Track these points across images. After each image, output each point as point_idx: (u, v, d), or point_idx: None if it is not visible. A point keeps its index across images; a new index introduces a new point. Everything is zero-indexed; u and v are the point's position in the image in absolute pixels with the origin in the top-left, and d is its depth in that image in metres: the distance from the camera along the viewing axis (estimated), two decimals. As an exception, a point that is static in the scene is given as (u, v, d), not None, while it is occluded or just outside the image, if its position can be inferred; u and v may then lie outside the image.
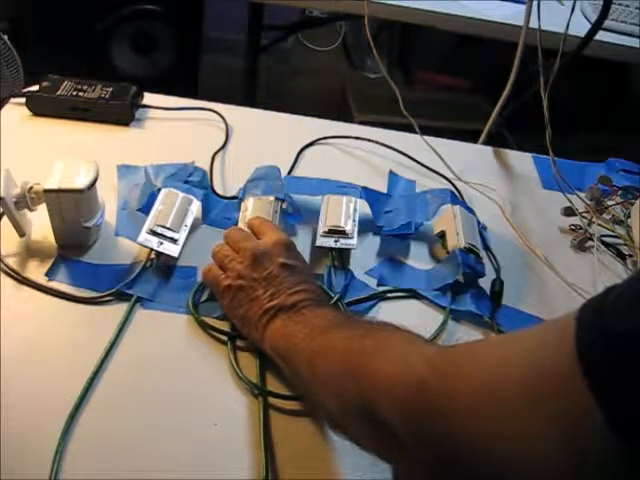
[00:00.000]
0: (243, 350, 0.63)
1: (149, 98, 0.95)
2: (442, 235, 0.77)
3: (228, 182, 0.84)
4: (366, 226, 0.79)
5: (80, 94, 0.89)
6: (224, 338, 0.63)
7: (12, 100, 0.91)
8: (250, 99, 1.96)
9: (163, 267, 0.70)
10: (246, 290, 0.61)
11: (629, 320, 0.31)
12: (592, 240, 0.83)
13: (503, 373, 0.36)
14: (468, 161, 0.95)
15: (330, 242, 0.73)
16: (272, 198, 0.75)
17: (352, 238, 0.73)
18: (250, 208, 0.74)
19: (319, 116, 1.01)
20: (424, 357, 0.43)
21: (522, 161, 1.00)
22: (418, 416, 0.39)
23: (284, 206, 0.77)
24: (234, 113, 0.96)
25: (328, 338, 0.53)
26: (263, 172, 0.80)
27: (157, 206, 0.72)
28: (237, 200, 0.78)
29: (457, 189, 0.89)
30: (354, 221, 0.75)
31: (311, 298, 0.60)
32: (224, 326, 0.64)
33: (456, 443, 0.37)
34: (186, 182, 0.78)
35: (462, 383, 0.38)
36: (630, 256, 0.83)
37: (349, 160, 0.93)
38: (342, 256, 0.74)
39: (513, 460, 0.34)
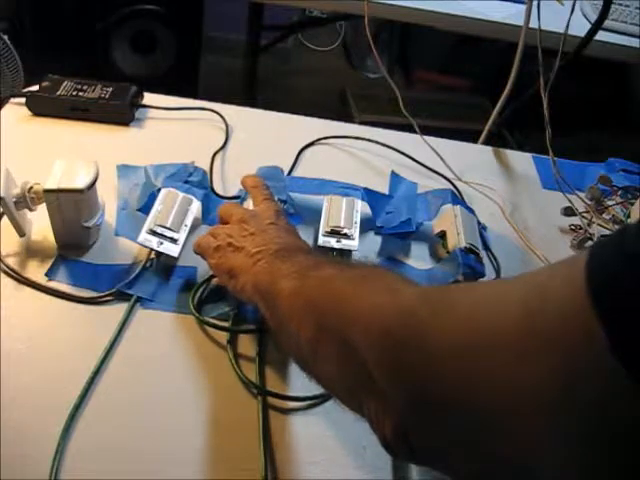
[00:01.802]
0: (243, 352, 0.63)
1: (149, 98, 0.95)
2: (442, 235, 0.77)
3: (228, 182, 0.84)
4: (367, 226, 0.79)
5: (80, 94, 0.89)
6: (223, 341, 0.63)
7: (12, 100, 0.91)
8: (250, 99, 1.96)
9: (163, 267, 0.70)
10: (234, 245, 0.61)
11: None
12: (592, 240, 0.83)
13: (501, 300, 0.33)
14: (468, 161, 0.95)
15: (332, 242, 0.73)
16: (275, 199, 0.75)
17: (354, 240, 0.73)
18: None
19: (319, 116, 1.01)
20: (415, 289, 0.40)
21: (522, 161, 1.00)
22: (398, 345, 0.36)
23: (285, 207, 0.77)
24: (234, 113, 0.96)
25: (315, 273, 0.49)
26: (266, 172, 0.81)
27: (157, 206, 0.72)
28: (239, 200, 0.78)
29: (457, 189, 0.89)
30: (356, 222, 0.75)
31: (297, 244, 0.60)
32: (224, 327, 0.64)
33: (434, 379, 0.34)
34: (186, 182, 0.78)
35: (454, 314, 0.34)
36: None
37: (349, 160, 0.93)
38: (343, 256, 0.74)
39: (504, 396, 0.31)
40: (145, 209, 0.74)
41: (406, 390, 0.36)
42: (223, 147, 0.90)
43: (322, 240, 0.73)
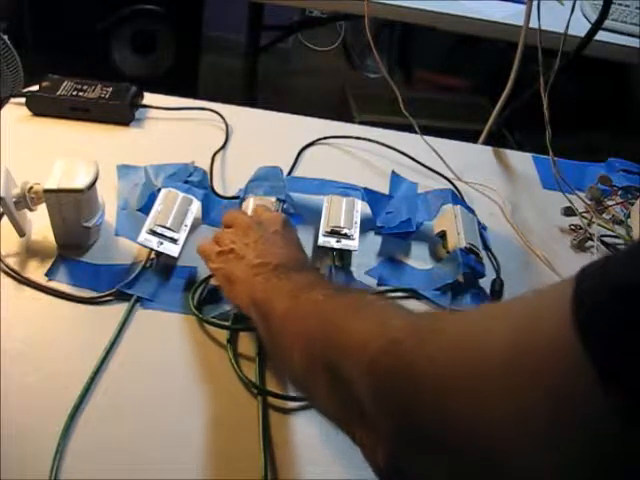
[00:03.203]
0: (242, 352, 0.63)
1: (149, 98, 0.95)
2: (443, 235, 0.77)
3: (228, 182, 0.84)
4: (367, 226, 0.79)
5: (80, 94, 0.90)
6: (223, 341, 0.63)
7: (12, 100, 0.91)
8: (250, 99, 1.95)
9: (163, 267, 0.70)
10: (235, 252, 0.61)
11: (635, 271, 0.28)
12: (592, 240, 0.83)
13: (488, 330, 0.33)
14: (468, 161, 0.95)
15: (332, 242, 0.73)
16: (274, 199, 0.76)
17: (354, 240, 0.73)
18: (251, 208, 0.74)
19: (319, 116, 1.01)
20: (404, 318, 0.40)
21: (522, 161, 1.00)
22: (385, 375, 0.36)
23: (285, 207, 0.77)
24: (234, 113, 0.96)
25: (308, 295, 0.50)
26: (265, 172, 0.81)
27: (157, 206, 0.72)
28: (238, 200, 0.78)
29: (457, 189, 0.89)
30: (356, 222, 0.75)
31: (298, 259, 0.60)
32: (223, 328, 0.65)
33: (423, 409, 0.34)
34: (186, 182, 0.78)
35: (440, 344, 0.35)
36: (630, 256, 0.82)
37: (349, 160, 0.93)
38: (343, 256, 0.74)
39: (488, 427, 0.31)
40: (145, 209, 0.74)
41: (396, 420, 0.36)
42: (223, 147, 0.90)
43: (322, 240, 0.73)
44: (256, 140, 0.93)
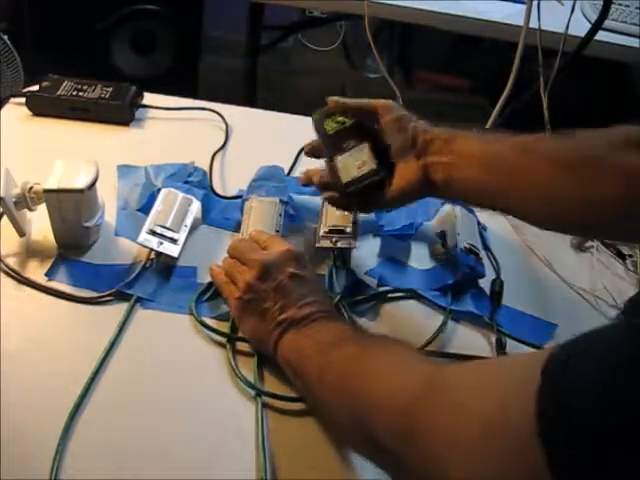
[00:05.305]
0: (241, 353, 0.63)
1: (149, 98, 0.95)
2: (442, 235, 0.77)
3: (228, 182, 0.84)
4: (366, 226, 0.79)
5: (80, 94, 0.89)
6: (223, 341, 0.63)
7: (12, 100, 0.91)
8: (250, 99, 1.96)
9: (163, 267, 0.70)
10: (255, 302, 0.61)
11: (589, 380, 0.32)
12: (592, 240, 0.83)
13: (475, 407, 0.39)
14: (468, 161, 0.95)
15: (331, 242, 0.73)
16: (277, 200, 0.75)
17: (353, 238, 0.73)
18: (254, 209, 0.74)
19: (319, 116, 1.01)
20: (416, 378, 0.46)
21: (522, 161, 1.00)
22: (407, 434, 0.42)
23: (286, 207, 0.77)
24: (234, 113, 0.96)
25: (335, 354, 0.54)
26: (268, 172, 0.80)
27: (157, 206, 0.72)
28: (241, 200, 0.78)
29: (457, 189, 0.88)
30: (354, 221, 0.75)
31: (321, 310, 0.60)
32: (224, 327, 0.65)
33: (437, 464, 0.40)
34: (186, 182, 0.78)
35: (444, 408, 0.41)
36: (630, 256, 0.82)
37: (349, 160, 0.93)
38: (343, 256, 0.73)
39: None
40: (145, 209, 0.74)
41: (420, 469, 0.42)
42: (223, 147, 0.90)
43: (321, 241, 0.73)
44: (256, 140, 0.93)
